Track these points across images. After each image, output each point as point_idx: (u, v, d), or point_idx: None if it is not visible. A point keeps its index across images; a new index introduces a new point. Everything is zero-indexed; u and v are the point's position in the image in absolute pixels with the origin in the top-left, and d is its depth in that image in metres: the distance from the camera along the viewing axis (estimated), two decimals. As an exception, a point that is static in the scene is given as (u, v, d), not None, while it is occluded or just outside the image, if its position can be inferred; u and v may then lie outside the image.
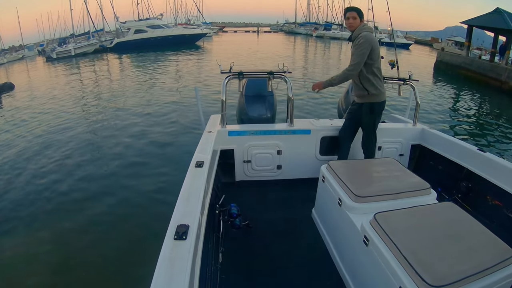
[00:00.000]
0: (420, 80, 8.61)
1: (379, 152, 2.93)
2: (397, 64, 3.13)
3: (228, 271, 1.82)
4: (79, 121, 7.86)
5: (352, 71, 2.48)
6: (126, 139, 6.33)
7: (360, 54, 2.41)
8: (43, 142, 6.50)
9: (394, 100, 7.58)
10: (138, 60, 21.02)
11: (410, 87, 3.05)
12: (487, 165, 2.29)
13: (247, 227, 2.17)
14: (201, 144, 2.23)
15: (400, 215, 1.49)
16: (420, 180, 1.87)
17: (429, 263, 1.19)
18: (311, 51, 28.83)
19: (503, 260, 1.24)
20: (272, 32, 67.70)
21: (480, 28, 16.46)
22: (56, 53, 25.34)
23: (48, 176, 4.90)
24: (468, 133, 7.50)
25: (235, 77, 2.79)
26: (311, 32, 48.55)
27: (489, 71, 13.67)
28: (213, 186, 2.09)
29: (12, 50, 34.31)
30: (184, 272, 1.03)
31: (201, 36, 32.46)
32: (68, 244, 3.34)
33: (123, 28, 29.98)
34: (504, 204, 2.15)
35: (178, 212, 1.36)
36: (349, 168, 2.00)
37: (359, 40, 2.42)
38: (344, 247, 1.83)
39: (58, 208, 4.01)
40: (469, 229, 1.43)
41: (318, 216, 2.26)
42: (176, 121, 7.45)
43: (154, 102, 9.38)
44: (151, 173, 4.85)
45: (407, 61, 20.83)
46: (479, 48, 24.03)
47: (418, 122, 3.06)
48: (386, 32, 32.16)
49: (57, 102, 10.25)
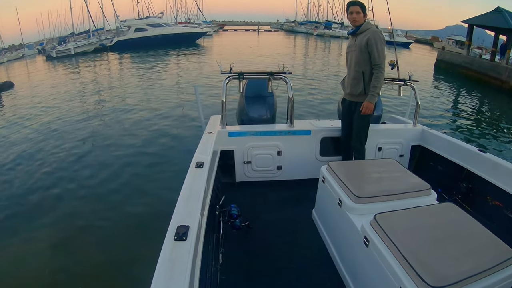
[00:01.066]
0: (420, 79, 8.61)
1: (379, 152, 2.93)
2: (397, 64, 3.12)
3: (228, 271, 1.82)
4: (79, 121, 7.85)
5: (384, 69, 2.43)
6: (125, 139, 6.33)
7: (384, 51, 2.38)
8: (42, 142, 6.51)
9: (394, 100, 7.59)
10: (138, 59, 20.99)
11: (410, 87, 3.05)
12: (487, 166, 2.29)
13: (247, 228, 2.17)
14: (201, 145, 2.23)
15: (401, 216, 1.49)
16: (420, 180, 1.87)
17: (429, 263, 1.19)
18: (312, 50, 28.79)
19: (503, 260, 1.24)
20: (272, 31, 67.63)
21: (481, 27, 16.42)
22: (56, 52, 25.33)
23: (47, 176, 4.90)
24: (468, 133, 7.49)
25: (235, 78, 2.79)
26: (312, 31, 48.46)
27: (490, 70, 13.65)
28: (213, 187, 2.09)
29: (12, 49, 34.29)
30: (184, 273, 1.03)
31: (201, 35, 32.44)
32: (67, 244, 3.35)
33: (123, 27, 29.94)
34: (504, 205, 2.15)
35: (178, 212, 1.36)
36: (349, 168, 2.00)
37: (376, 35, 2.36)
38: (344, 248, 1.83)
39: (58, 208, 4.00)
40: (469, 229, 1.43)
41: (318, 217, 2.26)
42: (176, 121, 7.44)
43: (153, 101, 9.37)
44: (151, 173, 4.85)
45: (407, 61, 20.79)
46: (480, 47, 23.98)
47: (418, 122, 3.06)
48: (386, 31, 32.14)
49: (57, 101, 10.24)
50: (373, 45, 2.37)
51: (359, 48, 2.44)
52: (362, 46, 2.42)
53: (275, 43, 33.48)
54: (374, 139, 2.91)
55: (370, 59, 2.42)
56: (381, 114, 3.27)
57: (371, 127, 2.92)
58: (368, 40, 2.38)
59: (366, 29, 2.41)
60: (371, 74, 2.45)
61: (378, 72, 2.41)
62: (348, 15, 2.47)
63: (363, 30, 2.43)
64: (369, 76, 2.45)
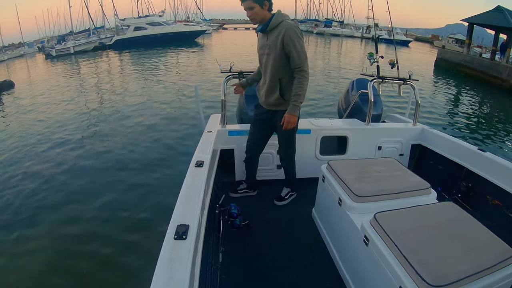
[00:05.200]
0: (420, 78, 8.58)
1: (379, 151, 2.93)
2: (397, 64, 3.11)
3: (228, 270, 1.82)
4: (78, 120, 7.85)
5: (308, 74, 2.01)
6: (125, 139, 6.32)
7: (303, 48, 1.97)
8: (42, 141, 6.51)
9: (394, 100, 7.58)
10: (137, 58, 20.95)
11: (410, 86, 3.05)
12: (487, 165, 2.29)
13: (247, 227, 2.17)
14: (201, 144, 2.22)
15: (400, 215, 1.49)
16: (420, 180, 1.87)
17: (429, 262, 1.19)
18: (312, 48, 28.72)
19: (503, 260, 1.24)
20: (272, 29, 67.31)
21: (481, 26, 16.39)
22: (56, 50, 25.26)
23: (46, 176, 4.89)
24: (468, 132, 7.48)
25: (235, 77, 2.78)
26: (312, 29, 48.37)
27: (490, 69, 13.63)
28: (213, 186, 2.09)
29: (13, 47, 34.23)
30: (184, 272, 1.03)
31: (200, 33, 32.40)
32: (67, 244, 3.34)
33: (122, 26, 29.89)
34: (504, 204, 2.15)
35: (178, 211, 1.35)
36: (349, 167, 2.00)
37: (291, 31, 1.94)
38: (344, 247, 1.83)
39: (57, 208, 4.00)
40: (469, 229, 1.43)
41: (318, 216, 2.26)
42: (175, 120, 7.43)
43: (153, 100, 9.35)
44: (151, 172, 4.85)
45: (406, 59, 20.75)
46: (480, 46, 23.94)
47: (418, 121, 3.06)
48: (386, 29, 32.14)
49: (56, 101, 10.23)
50: (290, 44, 1.94)
51: (274, 50, 2.01)
52: (278, 46, 1.99)
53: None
54: (374, 138, 2.91)
55: (289, 62, 2.01)
56: (381, 113, 3.26)
57: (372, 126, 2.92)
58: (284, 39, 1.94)
59: (278, 24, 1.98)
60: (291, 79, 2.06)
61: (300, 76, 1.99)
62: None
63: (274, 25, 1.99)
64: (287, 82, 2.07)
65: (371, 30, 37.92)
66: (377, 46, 3.29)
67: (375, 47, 3.29)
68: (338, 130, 2.87)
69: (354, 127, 2.90)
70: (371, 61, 3.16)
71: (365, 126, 2.91)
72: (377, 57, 3.13)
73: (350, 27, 47.92)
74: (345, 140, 2.88)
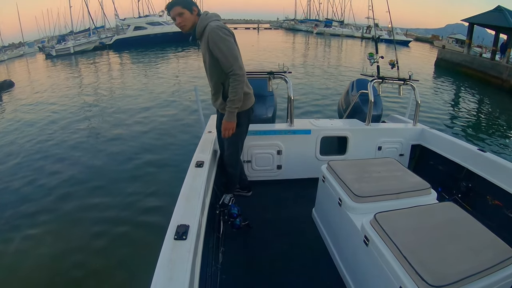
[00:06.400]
0: (420, 78, 8.57)
1: (379, 152, 2.93)
2: (397, 64, 3.11)
3: (229, 271, 1.82)
4: (78, 120, 7.85)
5: (242, 76, 1.89)
6: (125, 139, 6.33)
7: (234, 50, 1.86)
8: (42, 141, 6.51)
9: (394, 100, 7.58)
10: (137, 58, 20.96)
11: (410, 87, 3.05)
12: (487, 165, 2.29)
13: (248, 227, 2.17)
14: (201, 144, 2.23)
15: (401, 215, 1.49)
16: (420, 180, 1.87)
17: (429, 263, 1.20)
18: (312, 48, 28.73)
19: (504, 260, 1.24)
20: (272, 29, 67.44)
21: (481, 26, 16.40)
22: (56, 50, 25.27)
23: (46, 176, 4.90)
24: (468, 132, 7.49)
25: None
26: (312, 29, 48.37)
27: (490, 69, 13.64)
28: (213, 186, 2.10)
29: (13, 47, 34.24)
30: (184, 272, 1.03)
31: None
32: (67, 244, 3.35)
33: (123, 25, 29.87)
34: (504, 204, 2.15)
35: (178, 212, 1.36)
36: (349, 168, 2.00)
37: (213, 34, 1.81)
38: (344, 247, 1.83)
39: (57, 208, 4.01)
40: (469, 229, 1.43)
41: (318, 216, 2.26)
42: (175, 120, 7.44)
43: (153, 100, 9.36)
44: (151, 172, 4.85)
45: (406, 59, 20.75)
46: (480, 46, 23.94)
47: (418, 122, 3.06)
48: (386, 29, 32.14)
49: (57, 100, 10.23)
50: (215, 49, 1.84)
51: (206, 57, 1.95)
52: (207, 53, 1.91)
53: (276, 42, 33.35)
54: (374, 138, 2.91)
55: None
56: (381, 113, 3.27)
57: (372, 126, 2.92)
58: (209, 44, 1.85)
59: (203, 29, 1.88)
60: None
61: (233, 80, 1.88)
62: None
63: (201, 30, 1.89)
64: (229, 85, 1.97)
65: (371, 30, 37.90)
66: (377, 46, 3.29)
67: (375, 47, 3.29)
68: (338, 130, 2.87)
69: (354, 127, 2.91)
70: (371, 61, 3.16)
71: (365, 126, 2.91)
72: (377, 57, 3.13)
73: (350, 27, 47.93)
74: (345, 140, 2.88)
